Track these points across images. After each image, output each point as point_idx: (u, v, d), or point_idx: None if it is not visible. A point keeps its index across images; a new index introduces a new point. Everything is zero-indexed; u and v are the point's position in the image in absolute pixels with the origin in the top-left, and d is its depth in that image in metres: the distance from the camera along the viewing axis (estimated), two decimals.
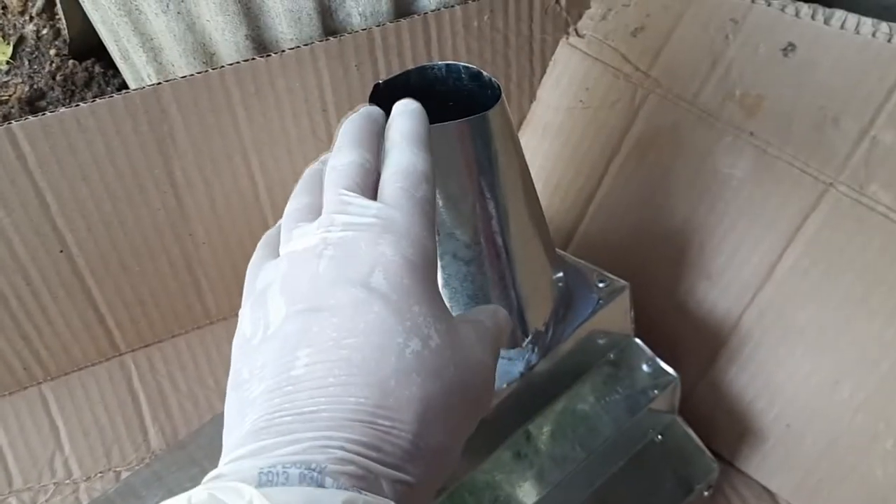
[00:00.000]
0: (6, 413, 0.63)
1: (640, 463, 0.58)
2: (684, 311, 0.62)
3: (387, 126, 0.36)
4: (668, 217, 0.62)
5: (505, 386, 0.50)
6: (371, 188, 0.33)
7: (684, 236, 0.61)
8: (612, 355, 0.57)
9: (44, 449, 0.63)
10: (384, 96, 0.40)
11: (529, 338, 0.50)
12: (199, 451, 0.53)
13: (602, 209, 0.66)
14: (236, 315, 0.34)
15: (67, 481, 0.63)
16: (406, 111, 0.36)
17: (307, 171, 0.37)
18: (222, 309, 0.67)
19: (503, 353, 0.50)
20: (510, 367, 0.50)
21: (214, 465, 0.29)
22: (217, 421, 0.49)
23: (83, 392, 0.64)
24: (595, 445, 0.54)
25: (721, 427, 0.62)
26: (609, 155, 0.65)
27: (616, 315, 0.56)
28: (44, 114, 0.53)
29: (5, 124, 0.52)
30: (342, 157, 0.34)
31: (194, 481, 0.27)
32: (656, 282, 0.62)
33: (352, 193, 0.32)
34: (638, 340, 0.58)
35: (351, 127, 0.36)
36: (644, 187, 0.63)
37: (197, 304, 0.66)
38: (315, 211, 0.34)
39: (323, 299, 0.30)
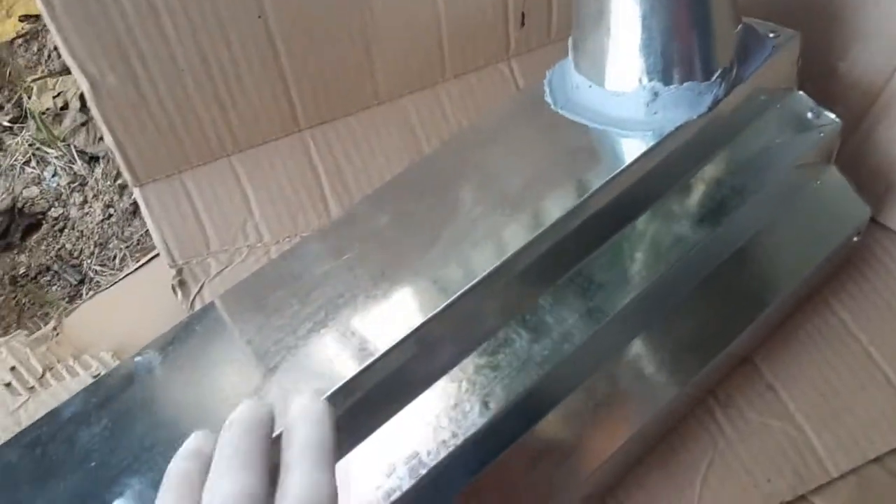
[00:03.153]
0: (201, 182, 0.68)
1: (798, 209, 0.63)
2: (836, 71, 0.66)
3: (285, 430, 0.32)
4: None
5: (695, 118, 0.54)
6: None
7: None
8: (778, 105, 0.62)
9: (236, 215, 0.69)
10: None
11: (718, 72, 0.54)
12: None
13: None
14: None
15: (259, 244, 0.69)
16: (307, 416, 0.32)
17: (170, 474, 0.31)
18: (392, 89, 0.71)
19: (693, 86, 0.54)
20: (699, 100, 0.54)
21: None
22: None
23: (269, 164, 0.69)
24: (761, 188, 0.58)
25: (866, 183, 0.66)
26: None
27: (786, 63, 0.60)
28: None
29: None
30: (226, 483, 0.29)
31: None
32: (811, 42, 0.65)
33: None
34: (801, 92, 0.62)
35: (232, 440, 0.31)
36: None
37: (369, 84, 0.70)
38: None
39: None
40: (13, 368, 0.63)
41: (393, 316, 0.45)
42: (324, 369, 0.43)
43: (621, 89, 0.53)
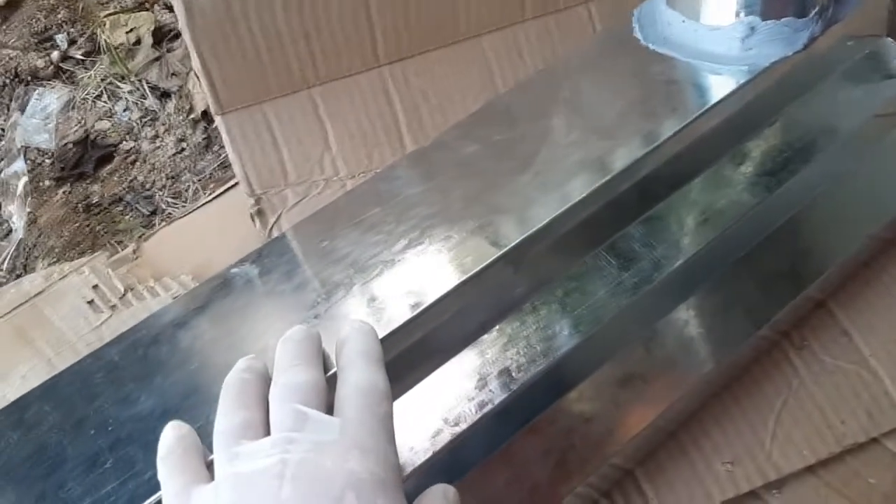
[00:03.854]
0: (282, 113, 0.69)
1: (877, 157, 0.62)
2: None
3: (339, 343, 0.35)
4: None
5: (790, 55, 0.53)
6: (325, 407, 0.32)
7: None
8: (866, 51, 0.61)
9: (314, 148, 0.69)
10: None
11: (815, 10, 0.54)
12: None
13: None
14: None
15: (335, 178, 0.70)
16: (360, 330, 0.36)
17: (229, 384, 0.35)
18: (471, 27, 0.71)
19: (790, 22, 0.53)
20: (795, 37, 0.54)
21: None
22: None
23: (348, 98, 0.70)
24: (841, 134, 0.58)
25: None
26: None
27: (879, 8, 0.59)
28: None
29: None
30: (293, 375, 0.33)
31: None
32: None
33: (309, 409, 0.31)
34: (890, 39, 0.62)
35: (294, 347, 0.35)
36: None
37: (450, 20, 0.70)
38: (256, 428, 0.32)
39: None
40: (95, 287, 0.64)
41: (488, 237, 0.45)
42: (420, 284, 0.44)
43: (717, 23, 0.53)
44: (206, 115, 0.86)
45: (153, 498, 0.36)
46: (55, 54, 0.96)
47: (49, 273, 0.65)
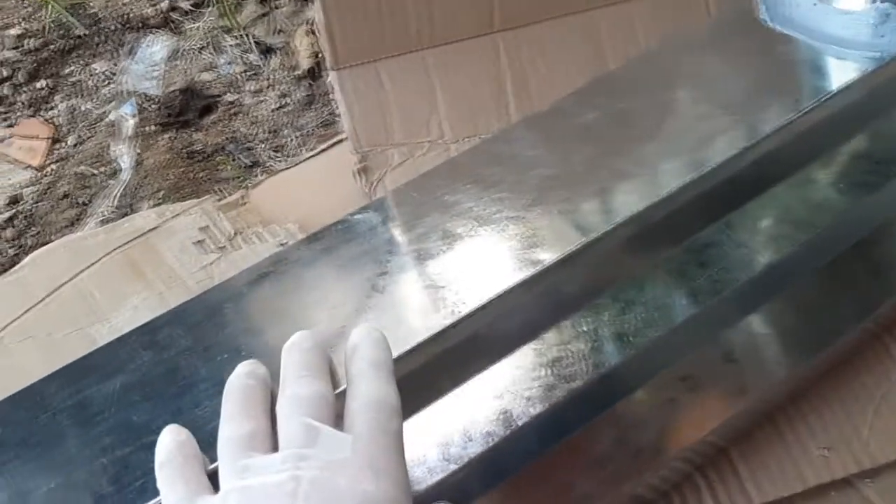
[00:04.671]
0: (394, 72, 0.70)
1: None
2: None
3: (349, 351, 0.34)
4: None
5: None
6: (334, 419, 0.31)
7: None
8: None
9: (422, 110, 0.71)
10: None
11: None
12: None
13: None
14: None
15: (440, 141, 0.71)
16: (370, 338, 0.35)
17: (234, 389, 0.34)
18: (586, 2, 0.71)
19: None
20: None
21: None
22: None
23: (459, 63, 0.71)
24: None
25: None
26: None
27: None
28: None
29: None
30: (301, 387, 0.32)
31: None
32: None
33: (320, 424, 0.30)
34: None
35: (301, 356, 0.34)
36: None
37: None
38: (263, 440, 0.31)
39: None
40: (205, 228, 0.67)
41: (613, 200, 0.46)
42: (545, 239, 0.45)
43: (850, 8, 0.53)
44: (310, 73, 0.88)
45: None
46: (164, 3, 0.99)
47: (161, 211, 0.67)
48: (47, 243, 0.71)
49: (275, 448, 0.31)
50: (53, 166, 0.87)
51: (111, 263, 0.64)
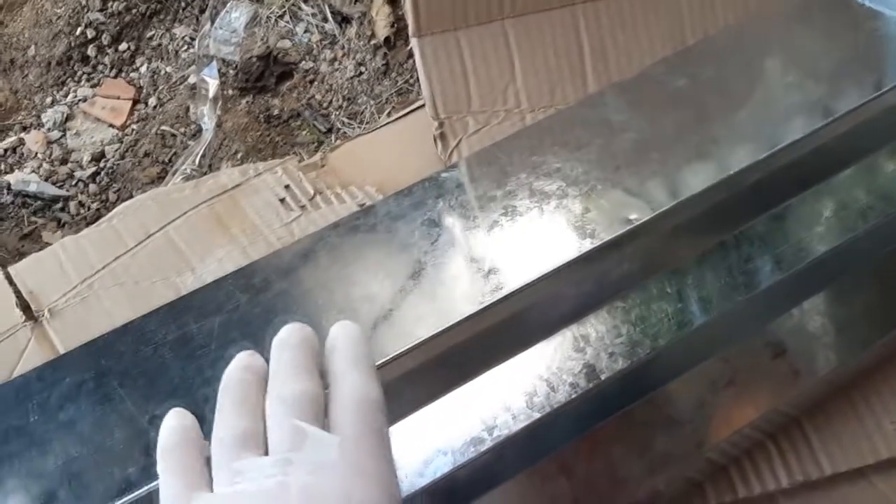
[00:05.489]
0: (474, 41, 0.71)
1: None
2: None
3: (329, 348, 0.34)
4: None
5: None
6: (321, 418, 0.31)
7: None
8: None
9: (500, 79, 0.71)
10: None
11: None
12: None
13: None
14: None
15: (516, 110, 0.71)
16: (348, 335, 0.35)
17: (231, 383, 0.34)
18: None
19: None
20: None
21: None
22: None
23: (538, 33, 0.71)
24: None
25: None
26: None
27: None
28: None
29: None
30: (290, 386, 0.32)
31: None
32: None
33: (305, 425, 0.30)
34: None
35: (290, 354, 0.34)
36: None
37: None
38: (256, 439, 0.31)
39: None
40: (287, 187, 0.69)
41: (704, 165, 0.46)
42: (631, 199, 0.46)
43: None
44: (387, 42, 0.90)
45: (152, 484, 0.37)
46: None
47: (245, 169, 0.69)
48: (129, 199, 0.74)
49: (266, 448, 0.31)
50: (135, 126, 0.89)
51: (197, 217, 0.66)
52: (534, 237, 0.44)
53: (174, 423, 0.33)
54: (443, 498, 0.42)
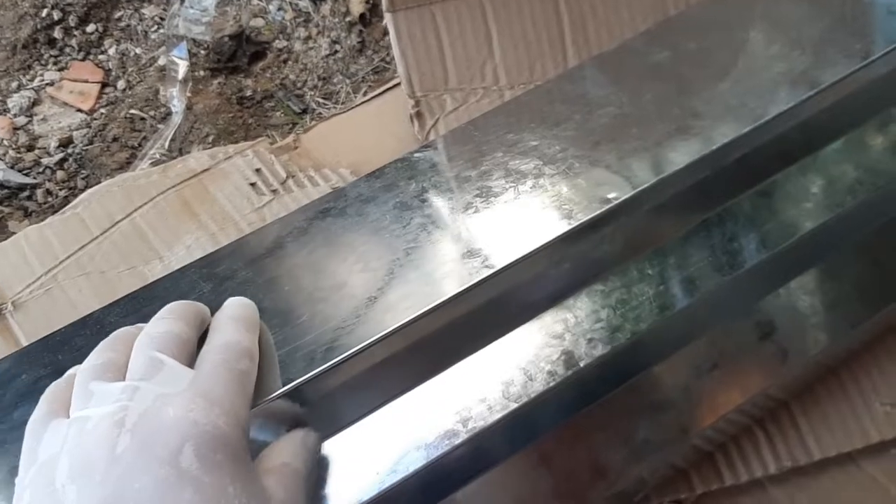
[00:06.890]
0: (450, 15, 0.69)
1: None
2: None
3: (218, 311, 0.35)
4: None
5: None
6: (185, 360, 0.31)
7: None
8: None
9: (478, 55, 0.69)
10: None
11: None
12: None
13: None
14: None
15: (494, 87, 0.69)
16: (237, 300, 0.36)
17: (118, 331, 0.34)
18: None
19: None
20: None
21: None
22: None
23: (516, 7, 0.69)
24: None
25: None
26: None
27: None
28: None
29: None
30: (159, 325, 0.32)
31: None
32: None
33: (165, 357, 0.30)
34: None
35: (174, 304, 0.34)
36: None
37: None
38: (117, 370, 0.31)
39: (124, 485, 0.26)
40: (258, 171, 0.66)
41: (686, 140, 0.44)
42: (611, 176, 0.44)
43: None
44: (362, 19, 0.87)
45: None
46: None
47: (214, 153, 0.67)
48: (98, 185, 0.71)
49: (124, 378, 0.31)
50: (104, 110, 0.87)
51: (164, 203, 0.64)
52: (509, 219, 0.42)
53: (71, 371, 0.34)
54: (418, 493, 0.40)
